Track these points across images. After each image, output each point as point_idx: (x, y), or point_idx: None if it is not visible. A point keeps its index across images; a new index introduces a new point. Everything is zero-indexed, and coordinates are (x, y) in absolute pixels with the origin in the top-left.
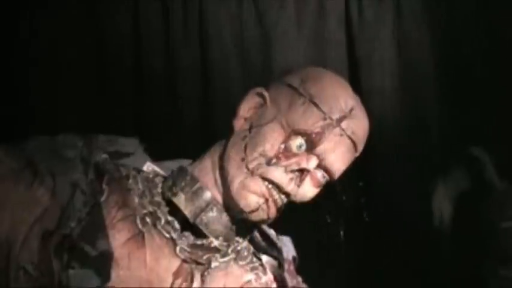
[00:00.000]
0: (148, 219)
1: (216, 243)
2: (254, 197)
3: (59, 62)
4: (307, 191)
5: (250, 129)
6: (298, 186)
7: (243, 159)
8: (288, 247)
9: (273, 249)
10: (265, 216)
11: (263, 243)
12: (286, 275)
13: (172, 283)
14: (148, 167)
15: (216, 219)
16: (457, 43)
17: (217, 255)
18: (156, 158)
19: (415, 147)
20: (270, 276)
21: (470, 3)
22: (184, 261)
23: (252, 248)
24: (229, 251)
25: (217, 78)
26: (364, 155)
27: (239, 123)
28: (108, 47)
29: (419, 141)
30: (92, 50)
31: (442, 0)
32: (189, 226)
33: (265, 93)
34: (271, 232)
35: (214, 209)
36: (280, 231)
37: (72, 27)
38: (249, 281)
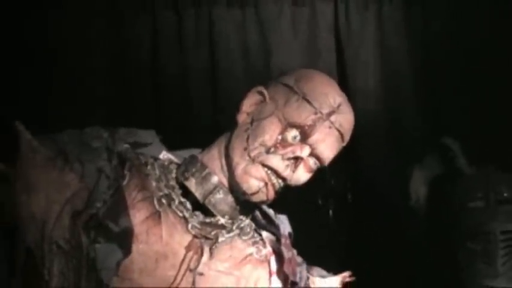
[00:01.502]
0: (164, 200)
1: (222, 221)
2: (255, 181)
3: (86, 66)
4: (301, 175)
5: (251, 122)
6: (293, 171)
7: (245, 149)
8: (284, 224)
9: (271, 226)
10: (264, 198)
11: (263, 221)
12: (283, 248)
13: (185, 255)
14: (164, 155)
15: (222, 200)
16: (431, 48)
17: (224, 231)
18: (170, 148)
19: (395, 138)
20: (269, 249)
21: (443, 13)
22: (195, 236)
23: (253, 225)
24: (234, 227)
25: (224, 78)
26: (350, 144)
27: (242, 117)
28: (129, 51)
29: (399, 132)
30: (114, 54)
31: (419, 11)
32: (199, 206)
33: (265, 91)
34: (270, 211)
35: (221, 192)
36: (277, 211)
37: (96, 34)
38: (251, 253)
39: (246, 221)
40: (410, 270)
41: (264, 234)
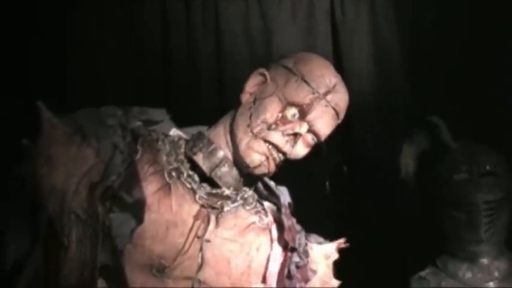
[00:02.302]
0: (173, 173)
1: (227, 192)
2: (257, 155)
3: (103, 52)
4: (300, 150)
5: (254, 101)
6: (293, 146)
7: (248, 125)
8: (284, 195)
9: (272, 197)
10: (266, 171)
11: (265, 192)
12: (283, 217)
13: (193, 224)
14: (174, 132)
15: (227, 173)
16: (419, 34)
17: (229, 201)
18: (179, 125)
19: (386, 116)
20: (270, 218)
21: (431, 3)
22: (202, 206)
23: (256, 196)
24: (238, 198)
25: (229, 62)
26: (345, 122)
27: (245, 97)
28: (141, 39)
29: (389, 111)
30: (128, 41)
31: (409, 0)
32: (206, 179)
33: (266, 73)
34: (271, 183)
35: (226, 165)
36: (278, 183)
37: (112, 23)
38: (253, 222)
39: (249, 192)
40: (401, 237)
41: (266, 204)
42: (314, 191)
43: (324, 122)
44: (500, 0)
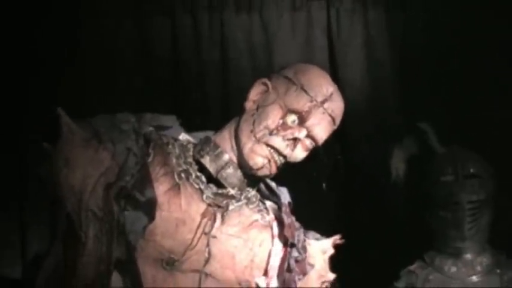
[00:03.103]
0: (182, 175)
1: (232, 192)
2: (260, 159)
3: (117, 62)
4: (299, 154)
5: (257, 109)
6: (292, 150)
7: (251, 131)
8: (284, 195)
9: (274, 196)
10: (268, 172)
11: (267, 192)
12: (284, 215)
13: (200, 221)
14: (183, 136)
15: (232, 174)
16: (409, 47)
17: (233, 200)
18: (188, 130)
19: (378, 122)
20: (272, 216)
21: (420, 16)
22: (209, 205)
23: (258, 196)
24: (242, 197)
25: (233, 72)
26: (340, 127)
27: (249, 105)
28: (152, 50)
29: (382, 118)
30: (140, 52)
31: (400, 14)
32: (212, 180)
33: (268, 83)
34: (273, 184)
35: (231, 167)
36: (279, 183)
37: (125, 35)
38: (256, 220)
39: (252, 192)
40: (392, 234)
41: (268, 203)
42: (312, 192)
43: (322, 128)
44: (488, 7)
